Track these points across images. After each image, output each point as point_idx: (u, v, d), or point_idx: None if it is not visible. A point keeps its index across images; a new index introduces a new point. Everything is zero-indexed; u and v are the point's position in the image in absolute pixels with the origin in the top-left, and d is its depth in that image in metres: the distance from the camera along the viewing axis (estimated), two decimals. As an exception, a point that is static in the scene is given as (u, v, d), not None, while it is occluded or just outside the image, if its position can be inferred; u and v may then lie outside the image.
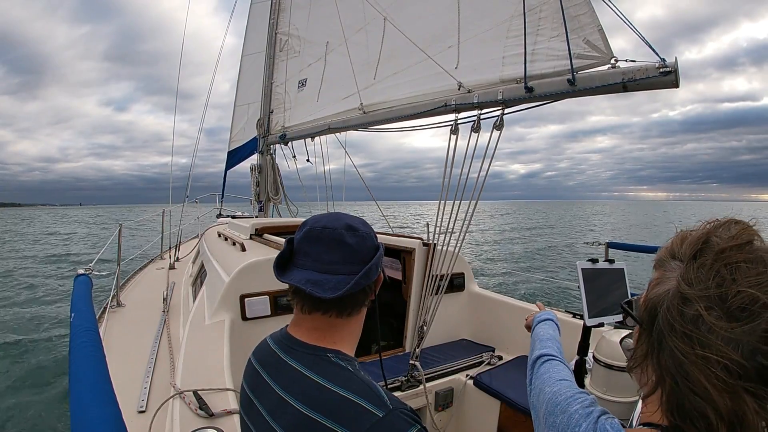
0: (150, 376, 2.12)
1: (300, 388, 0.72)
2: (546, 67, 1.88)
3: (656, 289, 0.54)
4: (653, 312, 0.53)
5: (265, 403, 0.77)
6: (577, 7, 1.76)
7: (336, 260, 0.76)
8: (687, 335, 0.48)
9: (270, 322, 2.35)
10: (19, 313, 8.47)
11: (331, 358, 0.75)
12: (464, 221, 2.24)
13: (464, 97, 2.22)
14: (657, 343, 0.52)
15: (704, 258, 0.50)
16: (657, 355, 0.52)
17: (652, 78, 1.55)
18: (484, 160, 2.11)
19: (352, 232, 0.78)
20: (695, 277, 0.49)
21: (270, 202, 5.30)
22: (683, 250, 0.54)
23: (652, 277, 0.58)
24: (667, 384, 0.51)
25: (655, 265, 0.59)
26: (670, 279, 0.53)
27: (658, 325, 0.52)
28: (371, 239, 0.81)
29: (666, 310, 0.51)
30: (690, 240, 0.54)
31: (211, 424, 1.43)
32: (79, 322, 1.48)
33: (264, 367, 0.81)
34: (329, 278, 0.75)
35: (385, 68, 2.99)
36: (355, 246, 0.77)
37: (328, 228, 0.78)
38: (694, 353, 0.47)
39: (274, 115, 4.85)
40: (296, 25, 4.56)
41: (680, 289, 0.50)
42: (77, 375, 1.11)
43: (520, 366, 2.65)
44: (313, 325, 0.78)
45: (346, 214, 0.85)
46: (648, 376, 0.55)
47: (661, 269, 0.56)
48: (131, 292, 3.99)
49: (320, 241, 0.78)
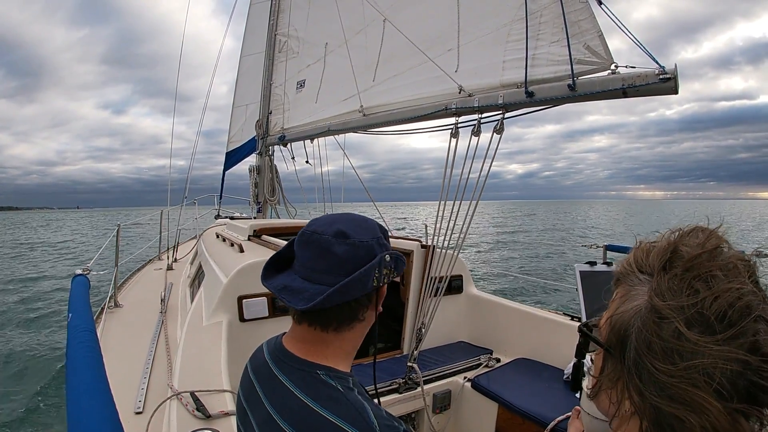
0: (147, 377, 2.11)
1: (288, 408, 0.70)
2: (546, 72, 1.89)
3: (623, 307, 0.49)
4: (622, 332, 0.48)
5: (256, 416, 0.76)
6: (578, 13, 1.77)
7: (321, 269, 0.72)
8: (667, 354, 0.43)
9: (268, 323, 2.35)
10: (17, 313, 8.43)
11: (321, 375, 0.71)
12: (464, 223, 2.24)
13: (465, 101, 2.23)
14: (633, 366, 0.46)
15: (675, 269, 0.46)
16: (633, 381, 0.46)
17: (651, 84, 1.57)
18: (483, 163, 2.11)
19: (342, 239, 0.72)
20: (668, 289, 0.45)
21: (268, 203, 5.30)
22: (650, 262, 0.49)
23: (614, 295, 0.53)
24: (647, 413, 0.45)
25: (615, 281, 0.53)
26: (639, 294, 0.48)
27: (630, 346, 0.46)
28: (366, 248, 0.73)
29: (640, 328, 0.46)
30: (656, 251, 0.50)
31: (208, 426, 1.43)
32: (76, 322, 1.47)
33: (257, 378, 0.79)
34: (308, 287, 0.71)
35: (385, 70, 2.99)
36: (342, 255, 0.71)
37: (317, 233, 0.73)
38: (677, 372, 0.42)
39: (273, 116, 4.85)
40: (295, 26, 4.56)
41: (653, 304, 0.45)
42: (74, 375, 1.10)
43: (517, 368, 2.65)
44: (303, 336, 0.76)
45: (348, 216, 0.79)
46: (618, 406, 0.50)
47: (625, 285, 0.51)
48: (129, 292, 3.97)
49: (309, 246, 0.74)
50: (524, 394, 2.28)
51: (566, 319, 2.76)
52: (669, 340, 0.43)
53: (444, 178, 2.24)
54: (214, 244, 3.57)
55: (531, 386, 2.39)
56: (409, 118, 2.62)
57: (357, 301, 0.73)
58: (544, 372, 2.56)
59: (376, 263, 0.72)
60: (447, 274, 2.42)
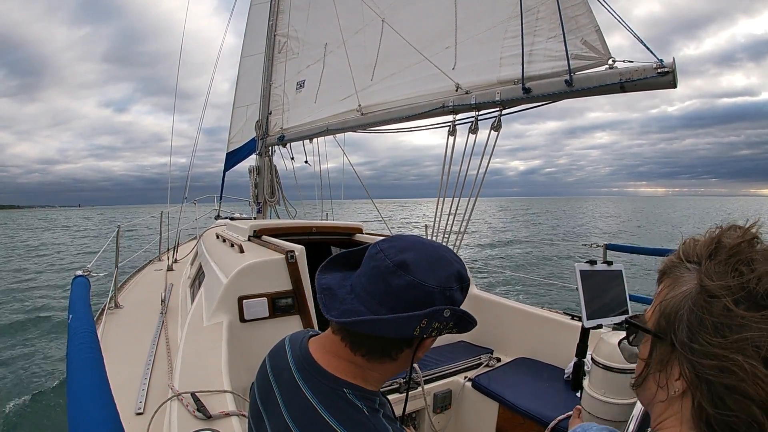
0: (148, 377, 2.11)
1: (308, 425, 0.67)
2: (543, 68, 1.88)
3: (672, 293, 0.54)
4: (673, 315, 0.52)
5: (272, 424, 0.73)
6: (575, 8, 1.76)
7: (371, 291, 0.67)
8: (718, 328, 0.48)
9: (268, 323, 2.34)
10: (16, 313, 8.44)
11: (347, 395, 0.67)
12: (462, 220, 2.24)
13: (462, 99, 2.22)
14: (686, 343, 0.50)
15: (719, 256, 0.52)
16: (687, 358, 0.50)
17: (649, 78, 1.55)
18: (482, 161, 2.11)
19: (403, 272, 0.64)
20: (715, 272, 0.51)
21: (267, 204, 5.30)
22: (698, 252, 0.55)
23: (658, 288, 0.58)
24: (700, 390, 0.49)
25: (662, 275, 0.59)
26: (687, 281, 0.53)
27: (682, 326, 0.51)
28: (424, 292, 0.64)
29: (691, 308, 0.51)
30: (702, 243, 0.55)
31: (208, 426, 1.43)
32: (77, 323, 1.48)
33: (278, 382, 0.75)
34: (349, 301, 0.67)
35: (383, 69, 2.99)
36: (394, 288, 0.64)
37: (382, 253, 0.67)
38: (728, 345, 0.47)
39: (273, 117, 4.86)
40: (295, 27, 4.57)
41: (704, 285, 0.51)
42: (75, 377, 1.10)
43: (518, 368, 2.64)
44: (334, 349, 0.71)
45: (428, 249, 0.69)
46: (667, 388, 0.54)
47: (671, 276, 0.56)
48: (129, 293, 3.98)
49: (369, 262, 0.68)
50: (525, 394, 2.28)
51: (567, 318, 2.76)
52: (719, 316, 0.48)
53: (442, 176, 2.23)
54: (214, 245, 3.57)
55: (532, 386, 2.39)
56: (406, 116, 2.62)
57: (392, 340, 0.67)
58: (544, 371, 2.55)
59: (426, 314, 0.63)
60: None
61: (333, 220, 5.61)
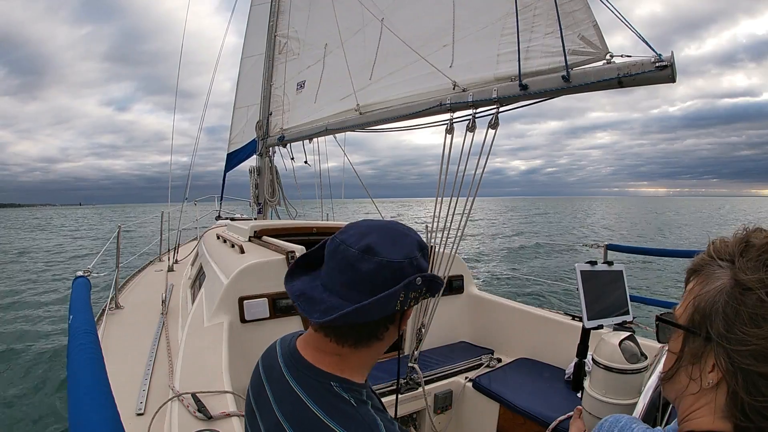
0: (148, 378, 2.11)
1: (298, 419, 0.68)
2: (541, 64, 1.87)
3: (705, 289, 0.57)
4: (708, 310, 0.55)
5: (264, 421, 0.74)
6: (572, 3, 1.75)
7: (343, 282, 0.68)
8: (753, 318, 0.50)
9: (269, 324, 2.34)
10: (17, 313, 8.47)
11: (335, 388, 0.69)
12: (461, 219, 2.23)
13: (459, 96, 2.21)
14: (723, 335, 0.53)
15: (750, 253, 0.55)
16: (723, 348, 0.53)
17: (647, 73, 1.54)
18: (480, 159, 2.10)
19: (370, 256, 0.66)
20: (748, 268, 0.54)
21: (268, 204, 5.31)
22: (730, 250, 0.58)
23: (688, 287, 0.61)
24: (736, 379, 0.52)
25: (691, 273, 0.61)
26: (719, 277, 0.56)
27: (717, 319, 0.54)
28: (394, 268, 0.67)
29: (726, 301, 0.53)
30: (733, 242, 0.59)
31: (209, 427, 1.43)
32: (77, 324, 1.48)
33: (269, 380, 0.77)
34: (327, 299, 0.68)
35: (381, 69, 2.99)
36: (366, 274, 0.66)
37: (345, 244, 0.69)
38: (764, 334, 0.49)
39: (273, 117, 4.86)
40: (295, 28, 4.57)
41: (738, 279, 0.54)
42: (75, 377, 1.10)
43: (519, 368, 2.64)
44: (319, 345, 0.73)
45: (385, 228, 0.72)
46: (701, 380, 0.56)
47: (703, 274, 0.59)
48: (130, 294, 3.99)
49: (334, 256, 0.70)
50: (526, 394, 2.27)
51: (567, 318, 2.75)
52: (754, 307, 0.51)
53: (440, 175, 2.23)
54: (214, 246, 3.58)
55: (532, 386, 2.38)
56: (403, 115, 2.61)
57: (377, 322, 0.69)
58: (545, 372, 2.54)
59: (402, 287, 0.66)
60: (446, 273, 2.41)
61: (334, 220, 5.61)
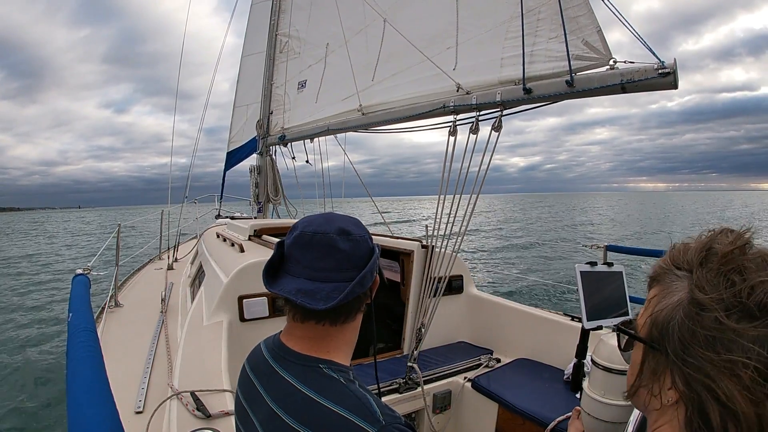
0: (147, 376, 2.11)
1: (291, 402, 0.70)
2: (544, 69, 1.88)
3: (663, 302, 0.53)
4: (665, 326, 0.51)
5: (257, 414, 0.75)
6: (576, 9, 1.76)
7: (329, 267, 0.73)
8: (710, 341, 0.47)
9: (268, 323, 2.35)
10: (16, 312, 8.45)
11: (324, 369, 0.72)
12: (463, 220, 2.24)
13: (463, 99, 2.22)
14: (679, 354, 0.49)
15: (711, 264, 0.50)
16: (679, 369, 0.50)
17: (650, 79, 1.55)
18: (482, 160, 2.11)
19: (346, 236, 0.74)
20: (707, 282, 0.49)
21: (269, 203, 5.31)
22: (689, 259, 0.53)
23: (649, 294, 0.57)
24: (692, 401, 0.49)
25: (652, 281, 0.57)
26: (678, 290, 0.52)
27: (674, 337, 0.50)
28: (366, 242, 0.77)
29: (682, 319, 0.49)
30: (693, 249, 0.54)
31: (208, 425, 1.43)
32: (76, 322, 1.48)
33: (257, 376, 0.79)
34: (321, 287, 0.72)
35: (384, 69, 2.99)
36: (349, 251, 0.73)
37: (320, 233, 0.74)
38: (720, 358, 0.46)
39: (274, 116, 4.86)
40: (296, 27, 4.57)
41: (694, 296, 0.49)
42: (75, 375, 1.11)
43: (518, 368, 2.64)
44: (306, 334, 0.76)
45: (339, 215, 0.81)
46: (662, 398, 0.53)
47: (662, 283, 0.55)
48: (129, 292, 3.98)
49: (312, 246, 0.73)
50: (524, 395, 2.28)
51: (566, 319, 2.75)
52: (711, 329, 0.47)
53: (443, 175, 2.24)
54: (214, 244, 3.57)
55: (531, 386, 2.39)
56: (407, 116, 2.62)
57: (364, 293, 0.76)
58: (544, 372, 2.55)
59: (376, 256, 0.77)
60: (446, 274, 2.41)
61: None
